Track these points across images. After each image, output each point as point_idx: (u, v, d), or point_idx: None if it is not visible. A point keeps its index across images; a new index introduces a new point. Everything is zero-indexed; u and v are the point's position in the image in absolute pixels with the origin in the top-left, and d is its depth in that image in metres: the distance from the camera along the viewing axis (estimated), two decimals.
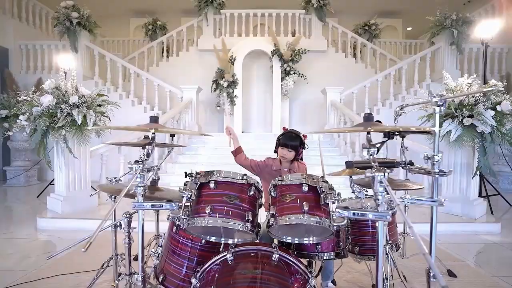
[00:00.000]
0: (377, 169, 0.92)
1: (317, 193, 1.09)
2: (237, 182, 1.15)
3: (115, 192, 1.43)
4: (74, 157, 3.20)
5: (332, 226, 1.05)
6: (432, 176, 1.10)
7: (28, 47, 5.82)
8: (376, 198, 0.92)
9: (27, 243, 2.74)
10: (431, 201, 1.09)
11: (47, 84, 3.14)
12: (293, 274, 1.12)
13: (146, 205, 1.07)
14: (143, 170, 1.07)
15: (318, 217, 1.06)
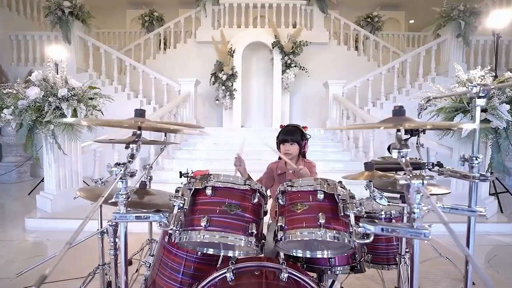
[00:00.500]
0: (413, 176, 0.73)
1: (335, 201, 0.91)
2: (239, 188, 0.96)
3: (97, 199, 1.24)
4: (64, 154, 3.00)
5: (353, 242, 0.87)
6: (470, 181, 0.92)
7: (19, 38, 5.55)
8: (411, 211, 0.74)
9: (13, 245, 2.56)
10: (469, 211, 0.91)
11: (33, 76, 2.93)
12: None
13: (129, 216, 0.88)
14: (125, 175, 0.88)
15: (336, 231, 0.87)
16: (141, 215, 0.89)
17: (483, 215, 0.92)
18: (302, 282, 0.98)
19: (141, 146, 0.97)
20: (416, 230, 0.74)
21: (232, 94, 6.01)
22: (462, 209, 0.93)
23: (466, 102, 2.88)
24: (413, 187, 0.73)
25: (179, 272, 1.19)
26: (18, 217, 3.20)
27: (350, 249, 0.94)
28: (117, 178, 0.86)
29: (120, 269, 0.94)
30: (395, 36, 7.97)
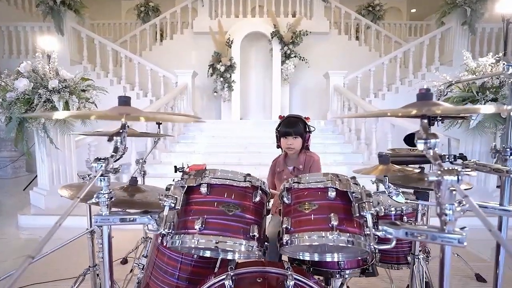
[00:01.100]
0: (445, 171, 0.61)
1: (348, 200, 0.79)
2: (238, 185, 0.84)
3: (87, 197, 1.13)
4: (56, 148, 2.87)
5: (369, 246, 0.75)
6: (503, 175, 0.80)
7: (9, 29, 5.35)
8: (442, 213, 0.62)
9: (6, 243, 2.46)
10: (501, 210, 0.80)
11: (22, 67, 2.78)
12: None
13: (113, 219, 0.76)
14: (107, 171, 0.76)
15: (350, 234, 0.76)
16: (126, 217, 0.77)
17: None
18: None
19: (126, 138, 0.85)
20: (448, 235, 0.62)
21: (230, 86, 5.85)
22: (493, 207, 0.82)
23: (475, 91, 2.75)
24: (445, 184, 0.61)
25: (174, 276, 1.08)
26: (12, 213, 3.09)
27: (364, 253, 0.82)
28: (97, 175, 0.74)
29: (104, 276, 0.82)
30: (396, 26, 7.75)
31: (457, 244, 0.61)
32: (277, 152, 1.65)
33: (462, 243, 0.60)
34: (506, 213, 0.80)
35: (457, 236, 0.60)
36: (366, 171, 0.95)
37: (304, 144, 1.49)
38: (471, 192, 2.56)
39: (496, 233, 0.52)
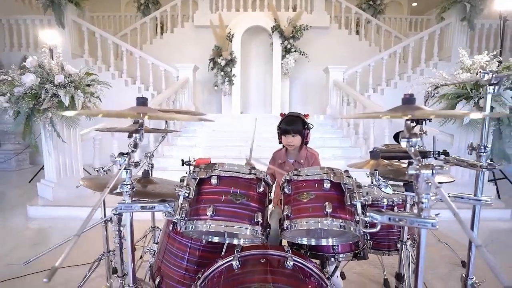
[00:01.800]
0: (422, 166, 0.73)
1: (341, 191, 0.91)
2: (244, 177, 0.96)
3: (100, 188, 1.24)
4: (63, 141, 2.98)
5: (359, 231, 0.87)
6: (477, 170, 0.92)
7: (10, 21, 5.38)
8: (420, 201, 0.74)
9: (17, 233, 2.58)
10: (475, 200, 0.92)
11: (28, 62, 2.86)
12: (309, 281, 0.96)
13: (135, 206, 0.88)
14: (130, 165, 0.87)
15: (342, 220, 0.88)
16: (146, 205, 0.88)
17: (489, 204, 0.92)
18: (307, 269, 0.99)
19: (144, 135, 0.96)
20: (423, 220, 0.74)
21: (231, 80, 5.93)
22: (468, 198, 0.93)
23: (469, 88, 2.84)
24: (422, 177, 0.72)
25: (183, 259, 1.20)
26: (20, 205, 3.21)
27: (355, 237, 0.94)
28: (121, 169, 0.85)
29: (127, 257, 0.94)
30: (397, 20, 7.78)
31: (431, 227, 0.72)
32: (277, 146, 1.76)
33: (435, 226, 0.72)
34: (478, 203, 0.92)
35: (430, 220, 0.72)
36: (358, 166, 1.07)
37: (303, 141, 1.60)
38: (461, 184, 2.71)
39: (459, 218, 0.63)
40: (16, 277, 1.81)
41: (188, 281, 1.17)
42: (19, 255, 2.15)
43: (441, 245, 2.06)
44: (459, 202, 1.00)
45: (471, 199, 0.93)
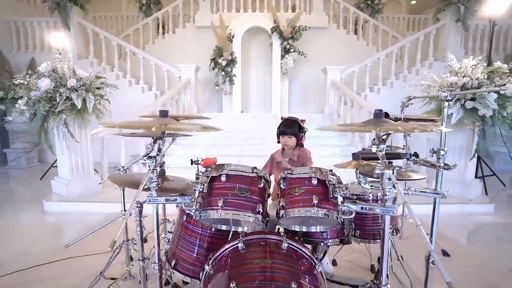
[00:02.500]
0: (386, 166, 0.95)
1: (326, 186, 1.13)
2: (248, 175, 1.18)
3: (125, 184, 1.47)
4: (76, 142, 3.20)
5: (339, 218, 1.10)
6: (437, 169, 1.14)
7: (17, 24, 5.57)
8: (384, 194, 0.96)
9: (37, 226, 2.81)
10: (434, 193, 1.14)
11: (43, 67, 3.07)
12: (301, 262, 1.19)
13: (160, 199, 1.10)
14: (156, 166, 1.10)
15: (326, 210, 1.10)
16: (170, 197, 1.11)
17: (445, 196, 1.15)
18: (299, 251, 1.22)
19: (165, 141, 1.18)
20: (387, 208, 0.96)
21: (231, 80, 6.13)
22: (430, 192, 1.16)
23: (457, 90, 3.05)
24: (385, 175, 0.95)
25: (195, 244, 1.42)
26: (35, 200, 3.44)
27: (338, 224, 1.17)
28: (150, 169, 1.07)
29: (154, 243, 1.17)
30: (395, 19, 7.96)
31: (392, 214, 0.95)
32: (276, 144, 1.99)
33: (395, 213, 0.94)
34: (438, 195, 1.14)
35: (391, 208, 0.94)
36: (343, 166, 1.29)
37: (298, 142, 1.82)
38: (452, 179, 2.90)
39: (408, 206, 0.85)
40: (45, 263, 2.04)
41: (200, 263, 1.40)
42: (42, 244, 2.39)
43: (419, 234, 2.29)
44: (423, 195, 1.22)
45: (431, 193, 1.15)
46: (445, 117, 1.17)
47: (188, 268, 1.42)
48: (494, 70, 2.99)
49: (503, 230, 2.75)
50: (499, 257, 2.21)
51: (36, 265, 2.03)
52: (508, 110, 2.92)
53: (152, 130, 1.09)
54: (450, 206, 3.16)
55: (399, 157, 1.32)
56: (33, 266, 2.01)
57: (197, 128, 1.17)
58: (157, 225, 1.16)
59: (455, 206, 3.16)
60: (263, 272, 1.03)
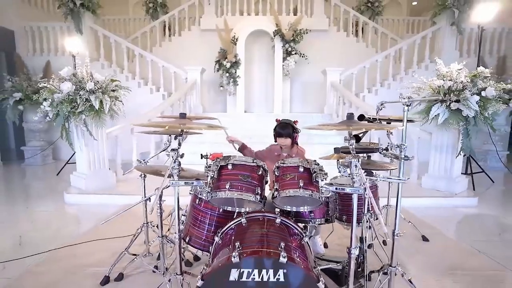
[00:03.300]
0: (353, 156, 1.27)
1: (310, 173, 1.45)
2: (249, 164, 1.50)
3: (148, 172, 1.81)
4: (95, 139, 3.55)
5: (321, 198, 1.42)
6: (399, 160, 1.44)
7: (33, 28, 5.95)
8: (352, 177, 1.28)
9: (60, 215, 3.17)
10: (397, 179, 1.45)
11: (64, 72, 3.41)
12: (291, 233, 1.51)
13: (181, 182, 1.43)
14: (178, 156, 1.42)
15: (311, 191, 1.42)
16: (188, 181, 1.44)
17: (405, 182, 1.45)
18: (290, 226, 1.54)
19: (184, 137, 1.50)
20: (354, 188, 1.28)
21: (235, 81, 6.45)
22: (394, 178, 1.47)
23: (443, 93, 3.35)
24: (353, 163, 1.27)
25: (205, 223, 1.75)
26: (56, 193, 3.81)
27: (320, 203, 1.48)
28: (174, 159, 1.40)
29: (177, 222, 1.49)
30: (394, 21, 8.23)
31: (358, 192, 1.26)
32: None
33: (360, 192, 1.25)
34: (400, 181, 1.45)
35: (357, 188, 1.25)
36: (325, 158, 1.61)
37: (293, 141, 2.13)
38: (440, 175, 3.18)
39: (367, 188, 1.17)
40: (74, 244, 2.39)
41: (210, 238, 1.72)
42: (67, 230, 2.74)
43: (406, 223, 2.59)
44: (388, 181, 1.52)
45: (395, 179, 1.46)
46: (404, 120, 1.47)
47: (200, 243, 1.74)
48: (477, 74, 3.27)
49: (482, 220, 3.04)
50: (473, 242, 2.50)
51: (67, 245, 2.37)
52: (489, 111, 3.20)
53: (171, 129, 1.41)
54: (437, 199, 3.46)
55: (373, 151, 1.63)
56: (64, 246, 2.36)
57: (206, 127, 1.49)
58: (177, 204, 1.48)
59: (442, 199, 3.45)
60: (261, 236, 1.35)
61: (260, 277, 1.16)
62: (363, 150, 1.80)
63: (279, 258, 1.13)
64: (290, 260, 1.15)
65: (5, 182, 4.59)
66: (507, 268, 2.07)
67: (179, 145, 1.47)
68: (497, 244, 2.47)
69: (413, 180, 3.96)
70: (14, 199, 3.70)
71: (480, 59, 4.38)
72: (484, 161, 5.36)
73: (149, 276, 1.96)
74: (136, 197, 2.55)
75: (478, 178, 4.39)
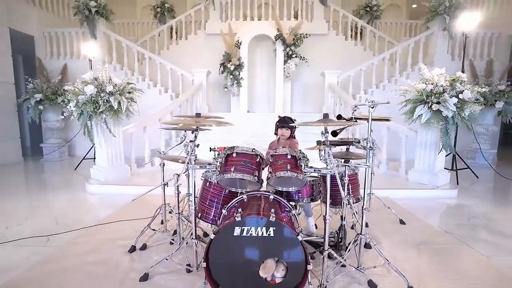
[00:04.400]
0: (327, 146, 1.72)
1: (296, 159, 1.90)
2: (249, 153, 1.96)
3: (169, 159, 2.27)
4: (113, 136, 4.04)
5: (304, 178, 1.87)
6: (366, 150, 1.88)
7: (51, 34, 6.48)
8: (326, 162, 1.73)
9: (84, 202, 3.65)
10: (365, 165, 1.89)
11: (87, 76, 3.91)
12: (282, 207, 1.96)
13: (197, 166, 1.89)
14: (194, 146, 1.89)
15: (296, 173, 1.87)
16: (202, 165, 1.90)
17: (371, 167, 1.88)
18: (282, 202, 1.99)
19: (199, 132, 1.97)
20: (327, 170, 1.73)
21: (239, 83, 6.92)
22: (362, 164, 1.91)
23: (425, 95, 3.77)
24: (325, 151, 1.72)
25: (214, 202, 2.20)
26: (77, 184, 4.30)
27: (303, 183, 1.93)
28: (193, 147, 1.86)
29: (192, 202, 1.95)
30: (393, 25, 8.64)
31: (330, 173, 1.71)
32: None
33: (333, 173, 1.70)
34: (367, 166, 1.89)
35: (329, 171, 1.70)
36: (309, 149, 2.06)
37: (291, 134, 2.59)
38: (424, 170, 3.70)
39: (335, 171, 1.62)
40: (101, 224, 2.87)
41: (218, 214, 2.18)
42: (91, 214, 3.22)
43: (386, 209, 3.03)
44: (359, 167, 1.96)
45: (363, 165, 1.90)
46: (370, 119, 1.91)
47: (210, 218, 2.20)
48: (456, 79, 3.70)
49: (457, 209, 3.45)
50: (444, 225, 2.93)
51: (96, 224, 2.85)
52: (466, 111, 3.62)
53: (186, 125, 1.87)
54: (421, 191, 3.88)
55: (351, 143, 2.08)
56: (94, 225, 2.84)
57: (216, 123, 1.95)
58: (194, 185, 1.94)
59: (425, 191, 3.88)
60: (258, 206, 1.81)
61: (256, 232, 1.62)
62: (342, 143, 2.25)
63: (270, 218, 1.59)
64: (278, 220, 1.60)
65: (30, 175, 5.11)
66: (466, 244, 2.50)
67: (195, 138, 1.93)
68: (464, 227, 2.90)
69: (402, 175, 4.39)
70: (41, 189, 4.19)
71: (464, 63, 4.79)
72: (473, 159, 5.76)
73: (167, 247, 2.42)
74: (147, 187, 3.01)
75: (464, 173, 4.81)
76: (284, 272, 1.61)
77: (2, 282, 1.95)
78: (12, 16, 5.79)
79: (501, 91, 5.31)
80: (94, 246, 2.42)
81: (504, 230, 2.83)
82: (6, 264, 2.17)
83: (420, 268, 2.12)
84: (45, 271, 2.05)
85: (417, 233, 2.73)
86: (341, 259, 1.94)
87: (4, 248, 2.41)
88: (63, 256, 2.27)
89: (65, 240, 2.55)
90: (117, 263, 2.17)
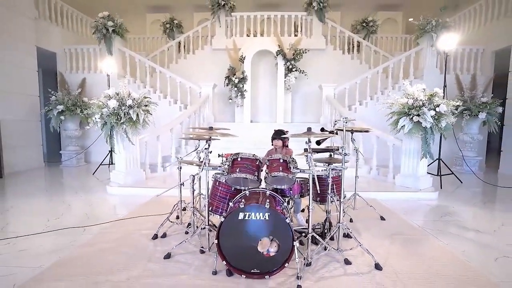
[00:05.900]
0: (309, 151, 2.29)
1: (287, 162, 2.47)
2: (251, 158, 2.54)
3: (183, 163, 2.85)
4: (132, 144, 4.64)
5: (293, 178, 2.43)
6: (341, 155, 2.45)
7: (71, 50, 7.21)
8: (309, 164, 2.30)
9: (106, 202, 4.23)
10: (340, 168, 2.45)
11: (110, 91, 4.55)
12: (276, 200, 2.52)
13: (211, 167, 2.47)
14: (208, 152, 2.47)
15: (287, 174, 2.44)
16: (214, 167, 2.47)
17: (345, 169, 2.44)
18: (277, 198, 2.56)
19: (211, 142, 2.56)
20: (310, 171, 2.29)
21: (243, 94, 7.54)
22: (339, 167, 2.48)
23: (407, 108, 4.34)
24: (309, 156, 2.29)
25: (222, 197, 2.78)
26: (96, 187, 4.90)
27: (293, 182, 2.49)
28: (207, 154, 2.44)
29: (206, 198, 2.52)
30: (388, 39, 9.27)
31: (312, 173, 2.28)
32: None
33: (314, 174, 2.27)
34: (342, 169, 2.45)
35: (313, 172, 2.27)
36: (298, 154, 2.64)
37: (284, 144, 3.16)
38: (408, 174, 4.17)
39: (314, 174, 2.18)
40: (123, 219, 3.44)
41: (226, 207, 2.74)
42: (114, 211, 3.79)
43: (369, 207, 3.56)
44: (338, 169, 2.52)
45: (340, 168, 2.45)
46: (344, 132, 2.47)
47: (219, 211, 2.77)
48: (433, 94, 4.26)
49: (434, 208, 3.96)
50: (418, 221, 3.45)
51: (121, 219, 3.43)
52: (442, 123, 4.18)
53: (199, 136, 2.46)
54: (405, 194, 4.41)
55: (333, 150, 2.65)
56: (119, 219, 3.41)
57: (223, 134, 2.53)
58: (207, 183, 2.52)
59: (408, 193, 4.40)
60: (257, 198, 2.37)
61: (255, 217, 2.18)
62: (325, 150, 2.82)
63: (265, 205, 2.15)
64: (271, 207, 2.16)
65: (55, 179, 5.73)
66: (433, 235, 3.03)
67: (209, 146, 2.51)
68: (436, 222, 3.42)
69: (390, 179, 4.93)
70: (67, 191, 4.79)
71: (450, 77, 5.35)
72: (461, 165, 6.27)
73: (183, 236, 2.98)
74: (161, 190, 3.56)
75: (449, 179, 5.33)
76: (276, 248, 2.16)
77: (55, 259, 2.52)
78: (38, 34, 6.51)
79: (484, 103, 5.86)
80: (122, 235, 2.99)
81: (467, 225, 3.35)
82: (55, 247, 2.75)
83: (390, 252, 2.65)
84: (88, 252, 2.62)
85: (392, 227, 3.26)
86: (324, 242, 2.48)
87: (50, 236, 2.99)
88: (99, 241, 2.85)
89: (97, 230, 3.12)
90: (144, 246, 2.74)
